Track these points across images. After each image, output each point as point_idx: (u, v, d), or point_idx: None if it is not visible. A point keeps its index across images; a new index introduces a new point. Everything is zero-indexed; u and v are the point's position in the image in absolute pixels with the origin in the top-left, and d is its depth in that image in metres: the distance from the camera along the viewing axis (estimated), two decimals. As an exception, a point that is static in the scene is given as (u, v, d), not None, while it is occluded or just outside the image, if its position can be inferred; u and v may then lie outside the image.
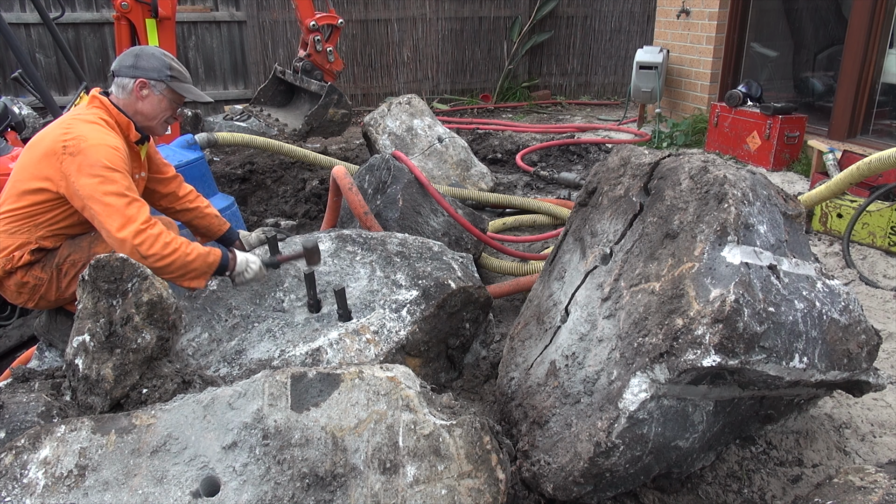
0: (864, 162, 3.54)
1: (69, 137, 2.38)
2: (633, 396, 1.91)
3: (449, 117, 8.78)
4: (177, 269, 2.40)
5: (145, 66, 2.59)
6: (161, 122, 2.69)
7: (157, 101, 2.63)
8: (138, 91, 2.59)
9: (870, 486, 1.76)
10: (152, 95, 2.61)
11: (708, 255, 1.94)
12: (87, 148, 2.36)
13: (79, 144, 2.36)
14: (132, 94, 2.59)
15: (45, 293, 2.57)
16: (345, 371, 1.92)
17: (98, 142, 2.39)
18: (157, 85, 2.61)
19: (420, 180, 3.74)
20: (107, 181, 2.34)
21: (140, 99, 2.61)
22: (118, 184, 2.36)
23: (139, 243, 2.31)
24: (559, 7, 10.03)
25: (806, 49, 7.03)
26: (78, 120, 2.47)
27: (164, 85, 2.62)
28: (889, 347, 3.19)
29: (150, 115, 2.64)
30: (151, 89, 2.60)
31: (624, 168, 2.46)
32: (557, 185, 5.89)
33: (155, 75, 2.59)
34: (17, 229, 2.49)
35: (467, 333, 2.83)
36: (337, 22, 6.39)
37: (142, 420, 1.83)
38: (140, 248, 2.31)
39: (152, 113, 2.64)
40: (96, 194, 2.33)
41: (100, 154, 2.36)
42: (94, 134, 2.42)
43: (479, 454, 1.81)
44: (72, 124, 2.45)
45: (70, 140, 2.37)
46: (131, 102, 2.61)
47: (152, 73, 2.59)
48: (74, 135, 2.39)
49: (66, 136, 2.39)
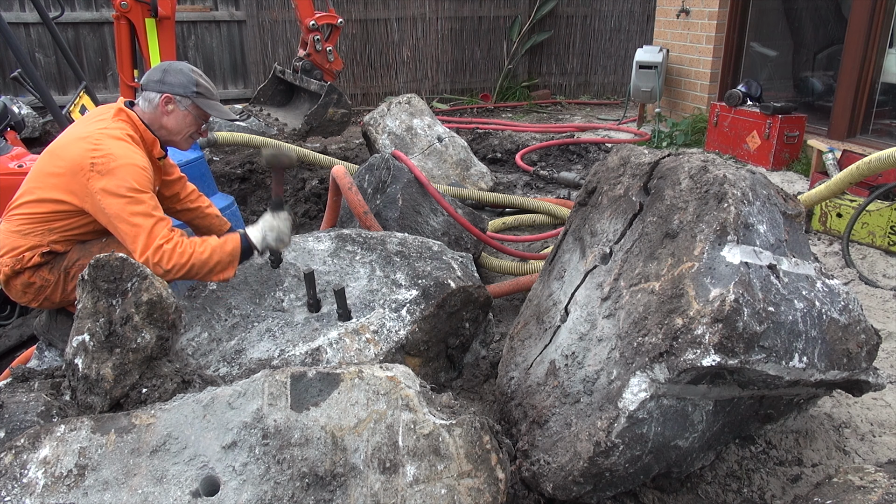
0: (863, 161, 3.54)
1: (98, 155, 2.38)
2: (632, 396, 1.91)
3: (448, 117, 8.78)
4: (198, 270, 2.43)
5: (172, 82, 2.59)
6: (185, 137, 2.70)
7: (182, 117, 2.64)
8: (164, 106, 2.60)
9: (869, 485, 1.76)
10: (177, 111, 2.62)
11: (708, 254, 1.94)
12: (117, 168, 2.37)
13: (108, 164, 2.37)
14: (157, 108, 2.60)
15: (51, 295, 2.58)
16: (344, 371, 1.92)
17: (127, 161, 2.40)
18: (182, 101, 2.61)
19: (420, 180, 3.74)
20: (134, 202, 2.37)
21: (165, 114, 2.61)
22: (146, 204, 2.39)
23: (157, 261, 2.35)
24: (559, 6, 10.03)
25: (806, 49, 7.03)
26: (105, 135, 2.45)
27: (190, 101, 2.62)
28: (889, 347, 3.19)
29: (175, 131, 2.65)
30: (177, 105, 2.61)
31: (624, 167, 2.46)
32: (557, 184, 5.89)
33: (181, 91, 2.60)
34: (31, 231, 2.50)
35: (467, 333, 2.83)
36: (336, 21, 6.39)
37: (141, 420, 1.83)
38: (160, 264, 2.36)
39: (176, 128, 2.65)
40: (124, 214, 2.36)
41: (128, 174, 2.38)
42: (122, 152, 2.42)
43: (479, 454, 1.81)
44: (100, 140, 2.43)
45: (99, 158, 2.37)
46: (156, 117, 2.62)
47: (178, 88, 2.59)
48: (104, 153, 2.39)
49: (95, 153, 2.38)
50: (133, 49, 5.34)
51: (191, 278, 2.45)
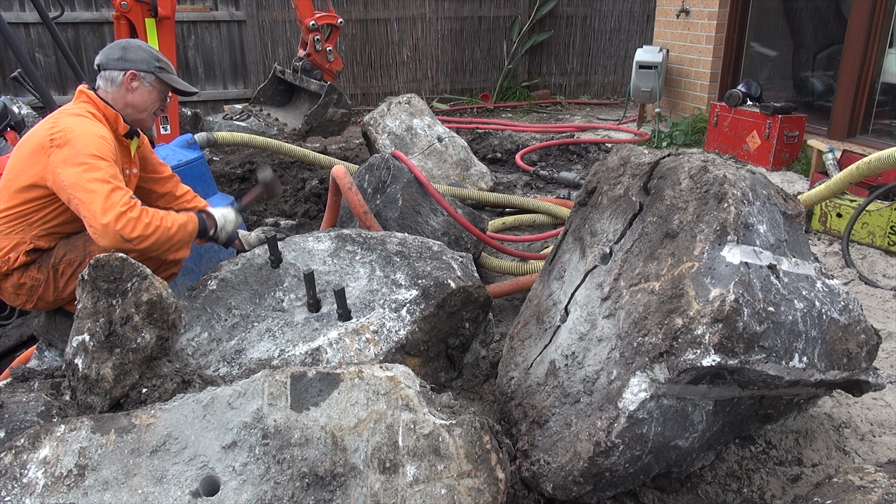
0: (863, 161, 3.54)
1: (56, 130, 2.39)
2: (632, 396, 1.91)
3: (448, 117, 8.78)
4: (160, 244, 2.41)
5: (134, 59, 2.61)
6: (150, 113, 2.71)
7: (147, 93, 2.65)
8: (129, 83, 2.60)
9: (869, 485, 1.76)
10: (142, 87, 2.63)
11: (708, 254, 1.94)
12: (74, 138, 2.36)
13: (66, 136, 2.36)
14: (122, 86, 2.60)
15: (43, 294, 2.57)
16: (344, 371, 1.92)
17: (84, 131, 2.40)
18: (146, 76, 2.63)
19: (420, 180, 3.74)
20: (92, 168, 2.33)
21: (130, 91, 2.62)
22: (103, 171, 2.34)
23: (121, 227, 2.29)
24: (559, 6, 10.03)
25: (806, 49, 7.03)
26: (64, 114, 2.49)
27: (154, 76, 2.65)
28: (888, 347, 3.19)
29: (141, 107, 2.66)
30: (141, 81, 2.62)
31: (623, 167, 2.46)
32: (557, 184, 5.89)
33: (144, 66, 2.62)
34: (11, 229, 2.49)
35: (467, 333, 2.83)
36: (336, 21, 6.39)
37: (141, 420, 1.83)
38: (123, 231, 2.29)
39: (143, 104, 2.66)
40: (80, 181, 2.31)
41: (86, 143, 2.36)
42: (80, 125, 2.42)
43: (479, 454, 1.81)
44: (58, 118, 2.46)
45: (57, 133, 2.38)
46: (121, 95, 2.62)
47: (141, 64, 2.61)
48: (61, 127, 2.40)
49: (52, 129, 2.40)
50: (133, 49, 5.34)
51: (147, 253, 2.38)
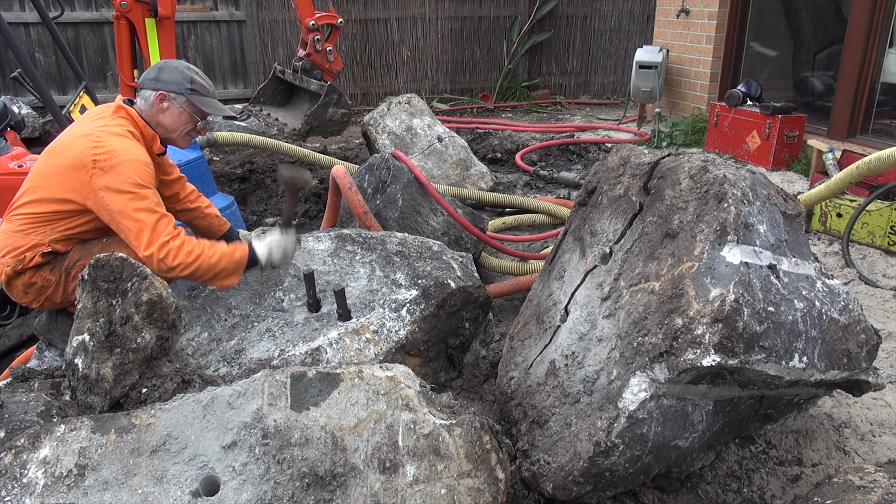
0: (863, 161, 3.54)
1: (100, 152, 2.39)
2: (632, 396, 1.91)
3: (448, 117, 8.78)
4: (204, 272, 2.43)
5: (166, 79, 2.62)
6: (182, 134, 2.71)
7: (178, 114, 2.65)
8: (159, 103, 2.62)
9: (869, 485, 1.76)
10: (172, 108, 2.64)
11: (708, 254, 1.94)
12: (119, 164, 2.38)
13: (110, 160, 2.38)
14: (153, 106, 2.63)
15: (52, 295, 2.58)
16: (344, 371, 1.92)
17: (129, 157, 2.41)
18: (176, 98, 2.63)
19: (420, 180, 3.74)
20: (137, 198, 2.38)
21: (161, 111, 2.64)
22: (149, 200, 2.40)
23: (163, 256, 2.36)
24: (559, 6, 10.03)
25: (805, 48, 7.03)
26: (106, 132, 2.47)
27: (184, 98, 2.64)
28: (888, 347, 3.19)
29: (171, 128, 2.67)
30: (171, 102, 2.63)
31: (623, 167, 2.46)
32: (557, 184, 5.89)
33: (175, 88, 2.62)
34: (33, 230, 2.50)
35: (467, 333, 2.83)
36: (336, 21, 6.39)
37: (141, 420, 1.83)
38: (165, 260, 2.36)
39: (172, 125, 2.67)
40: (127, 210, 2.37)
41: (131, 170, 2.39)
42: (124, 148, 2.43)
43: (479, 454, 1.81)
44: (101, 137, 2.44)
45: (101, 154, 2.38)
46: (153, 114, 2.64)
47: (172, 85, 2.62)
48: (106, 149, 2.40)
49: (96, 150, 2.39)
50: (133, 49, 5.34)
51: (192, 279, 2.46)
